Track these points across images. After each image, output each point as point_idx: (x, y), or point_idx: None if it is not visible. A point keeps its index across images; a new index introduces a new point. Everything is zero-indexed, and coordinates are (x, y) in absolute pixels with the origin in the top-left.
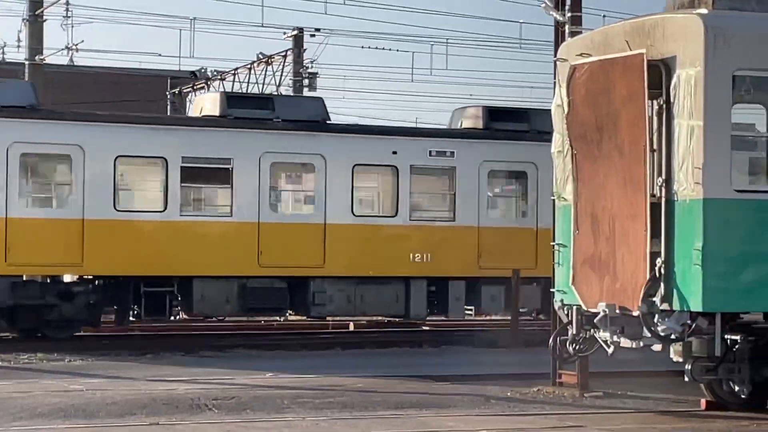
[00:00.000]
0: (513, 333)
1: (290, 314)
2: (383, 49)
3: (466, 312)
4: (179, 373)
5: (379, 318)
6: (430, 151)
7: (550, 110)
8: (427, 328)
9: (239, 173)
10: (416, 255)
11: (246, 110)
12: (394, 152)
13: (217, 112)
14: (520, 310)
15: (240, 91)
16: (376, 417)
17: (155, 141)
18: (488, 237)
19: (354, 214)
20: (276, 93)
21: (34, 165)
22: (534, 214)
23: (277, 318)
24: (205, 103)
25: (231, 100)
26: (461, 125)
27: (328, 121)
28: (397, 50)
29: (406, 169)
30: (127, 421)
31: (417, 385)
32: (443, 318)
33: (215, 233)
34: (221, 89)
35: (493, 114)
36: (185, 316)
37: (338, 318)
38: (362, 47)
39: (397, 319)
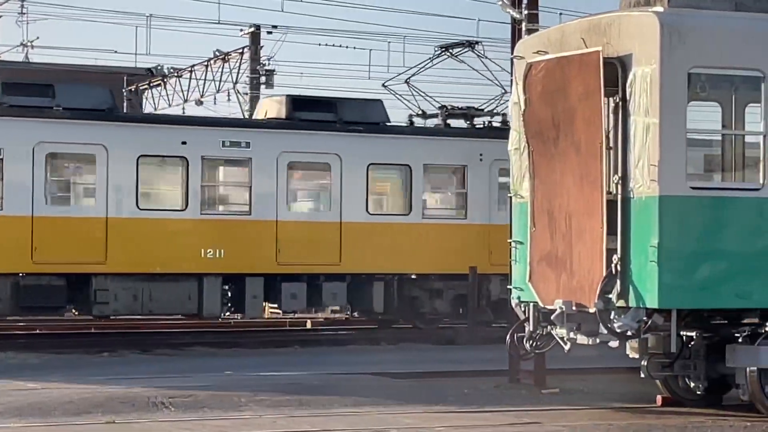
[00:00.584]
0: (470, 330)
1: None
2: (340, 46)
3: (271, 311)
4: (136, 371)
5: (337, 316)
6: (223, 142)
7: (358, 99)
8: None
9: (11, 164)
10: (208, 251)
11: (23, 98)
12: (184, 142)
13: None
14: (330, 308)
15: (197, 88)
16: (333, 414)
17: None
18: (288, 232)
19: (139, 208)
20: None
21: None
22: (338, 207)
23: (235, 316)
24: None
25: (6, 87)
26: (265, 115)
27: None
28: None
29: (197, 160)
30: (84, 420)
31: (374, 382)
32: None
33: None
34: (178, 86)
35: (297, 103)
36: None
37: (294, 316)
38: (319, 44)
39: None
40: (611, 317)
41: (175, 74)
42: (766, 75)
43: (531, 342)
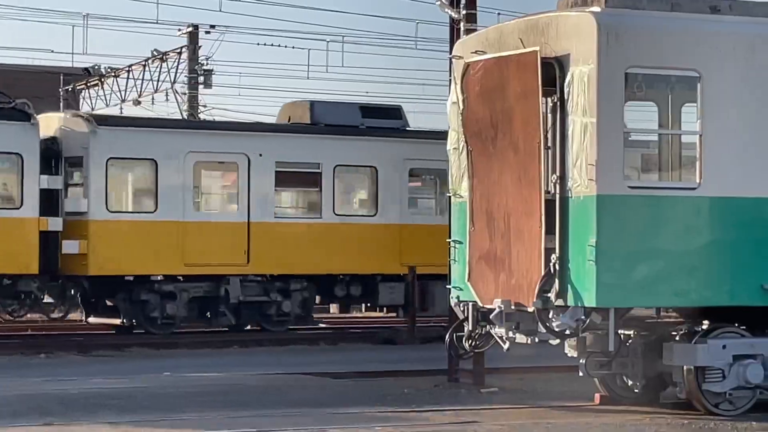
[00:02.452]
0: (410, 330)
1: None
2: (279, 46)
3: None
4: (74, 372)
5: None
6: None
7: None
8: (324, 325)
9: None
10: None
11: None
12: None
13: None
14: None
15: (135, 88)
16: (274, 415)
17: None
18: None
19: None
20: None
21: None
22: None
23: None
24: None
25: None
26: None
27: None
28: (293, 47)
29: None
30: (20, 422)
31: (314, 382)
32: (341, 315)
33: None
34: (116, 86)
35: None
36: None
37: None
38: (258, 44)
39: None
40: (550, 316)
41: (113, 74)
42: (702, 75)
43: (470, 341)
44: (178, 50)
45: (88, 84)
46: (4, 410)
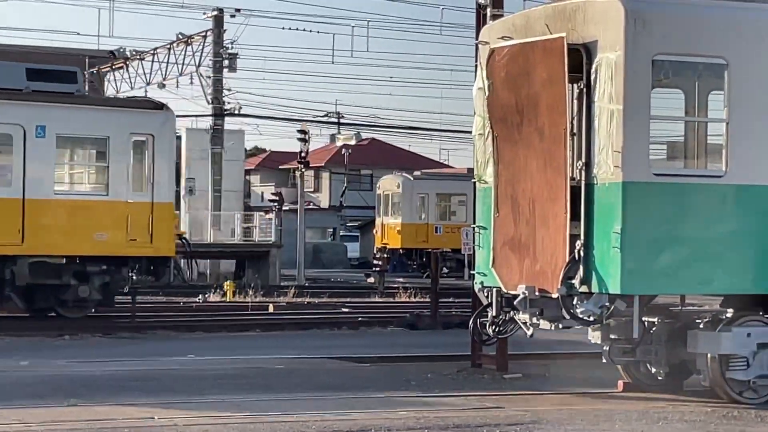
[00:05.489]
0: (432, 315)
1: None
2: (304, 30)
3: None
4: (98, 354)
5: (300, 300)
6: None
7: None
8: (347, 309)
9: None
10: None
11: None
12: None
13: None
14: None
15: (160, 71)
16: (297, 399)
17: None
18: None
19: None
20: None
21: None
22: None
23: (196, 299)
24: None
25: None
26: None
27: None
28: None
29: None
30: (45, 403)
31: (337, 366)
32: (365, 300)
33: None
34: (140, 69)
35: None
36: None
37: (257, 300)
38: (283, 28)
39: (316, 301)
40: (574, 303)
41: (138, 57)
42: (729, 62)
43: (494, 327)
44: (203, 34)
45: (113, 67)
46: (29, 391)
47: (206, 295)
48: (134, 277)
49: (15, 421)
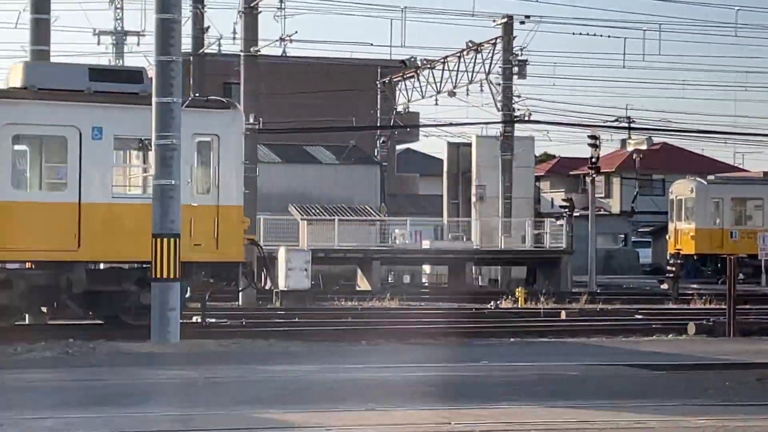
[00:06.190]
0: (729, 322)
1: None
2: (594, 35)
3: None
4: (392, 360)
5: (592, 306)
6: None
7: None
8: (640, 316)
9: None
10: None
11: None
12: None
13: None
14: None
15: (450, 79)
16: (593, 406)
17: None
18: None
19: None
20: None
21: None
22: None
23: (488, 306)
24: None
25: None
26: None
27: None
28: (609, 36)
29: None
30: (346, 407)
31: (632, 373)
32: (659, 306)
33: None
34: (431, 78)
35: None
36: None
37: (549, 306)
38: (573, 34)
39: (608, 307)
40: None
41: (428, 66)
42: None
43: None
44: (493, 41)
45: (405, 76)
46: (329, 394)
47: (498, 302)
48: (208, 282)
49: (315, 425)
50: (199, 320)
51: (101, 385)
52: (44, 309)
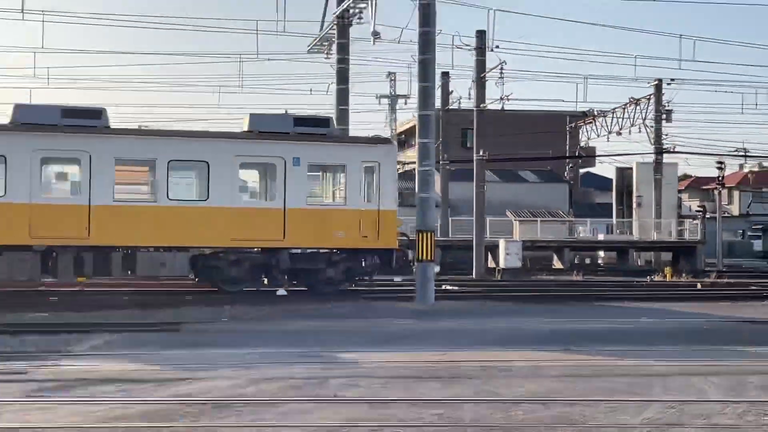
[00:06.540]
0: None
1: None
2: (717, 91)
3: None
4: (571, 316)
5: (716, 280)
6: None
7: None
8: (755, 288)
9: None
10: None
11: None
12: None
13: None
14: None
15: (617, 124)
16: (723, 349)
17: None
18: None
19: None
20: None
21: None
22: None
23: (645, 279)
24: None
25: None
26: None
27: None
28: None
29: None
30: (546, 347)
31: (748, 327)
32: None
33: None
34: (604, 123)
35: None
36: None
37: (688, 280)
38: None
39: (731, 281)
40: None
41: (602, 114)
42: None
43: None
44: (648, 97)
45: (585, 122)
46: (535, 339)
47: (651, 277)
48: (375, 262)
49: (521, 359)
50: (448, 288)
51: (385, 331)
52: (265, 280)
